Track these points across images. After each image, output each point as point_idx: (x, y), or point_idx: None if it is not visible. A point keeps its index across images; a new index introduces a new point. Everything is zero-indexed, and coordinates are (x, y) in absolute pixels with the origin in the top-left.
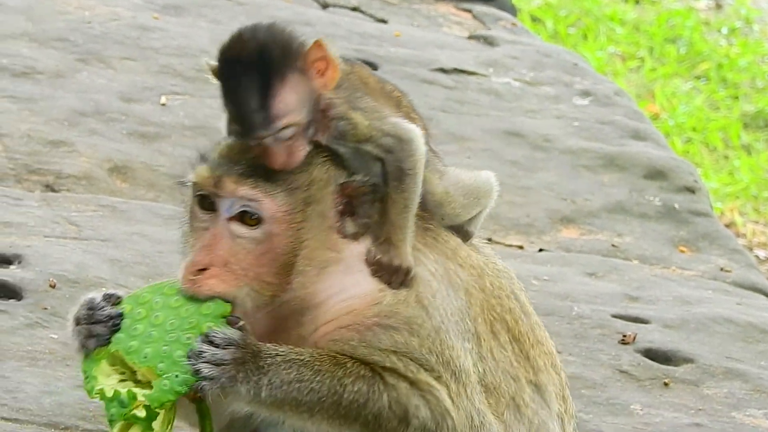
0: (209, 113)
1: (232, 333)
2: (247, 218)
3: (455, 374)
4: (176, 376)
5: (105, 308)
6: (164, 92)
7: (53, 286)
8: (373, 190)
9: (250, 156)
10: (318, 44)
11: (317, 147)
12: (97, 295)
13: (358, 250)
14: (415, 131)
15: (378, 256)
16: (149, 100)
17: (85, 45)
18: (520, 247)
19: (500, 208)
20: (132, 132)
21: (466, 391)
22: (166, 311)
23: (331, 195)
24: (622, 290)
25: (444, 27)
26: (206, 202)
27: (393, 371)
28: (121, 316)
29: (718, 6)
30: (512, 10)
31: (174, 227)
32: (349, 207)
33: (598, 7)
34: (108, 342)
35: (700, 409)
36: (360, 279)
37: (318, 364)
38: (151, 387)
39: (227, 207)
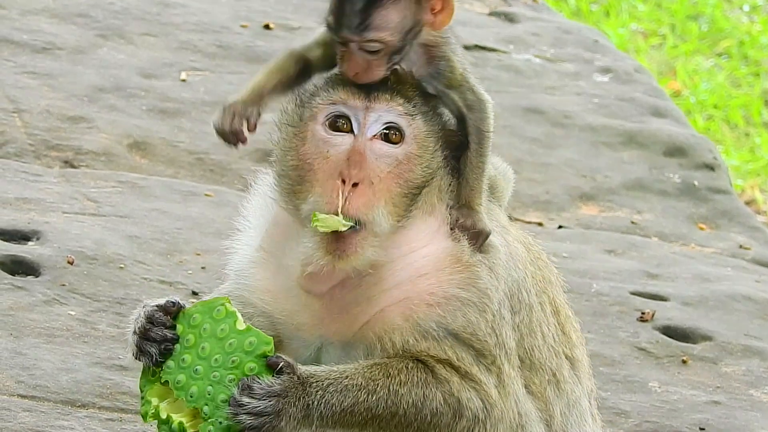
0: (229, 89)
1: (272, 383)
2: (391, 135)
3: (507, 354)
4: (220, 422)
5: (161, 327)
6: (184, 68)
7: (71, 263)
8: (460, 145)
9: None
10: None
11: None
12: (157, 307)
13: (442, 209)
14: (489, 97)
15: (461, 220)
16: (169, 76)
17: (105, 21)
18: (540, 224)
19: (520, 185)
20: (152, 108)
21: (512, 372)
22: (213, 342)
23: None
24: (641, 267)
25: (465, 3)
26: (340, 122)
27: (446, 363)
28: (173, 340)
29: None
30: None
31: (193, 203)
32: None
33: None
34: (160, 362)
35: (718, 387)
36: (441, 241)
37: (371, 383)
38: (199, 419)
39: (372, 122)
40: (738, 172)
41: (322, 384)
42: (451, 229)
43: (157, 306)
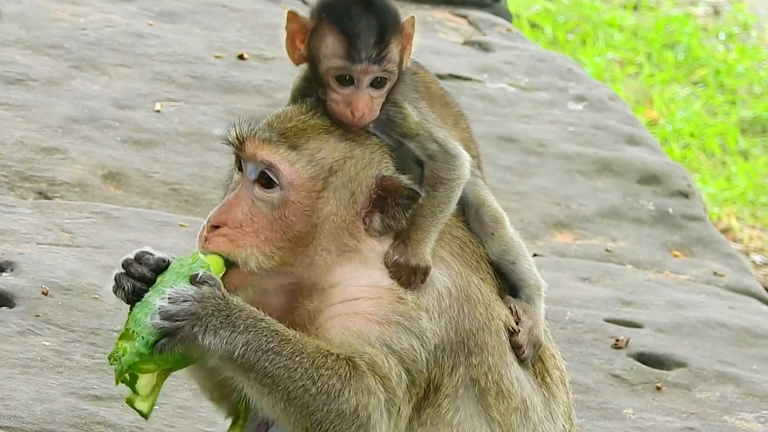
0: (203, 120)
1: (189, 288)
2: (266, 182)
3: (438, 388)
4: (142, 337)
5: (143, 266)
6: (158, 99)
7: (46, 294)
8: (412, 196)
9: (288, 125)
10: (413, 20)
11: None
12: (147, 251)
13: (379, 248)
14: (463, 152)
15: (395, 257)
16: (143, 106)
17: (79, 52)
18: None
19: None
20: (126, 139)
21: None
22: (167, 275)
23: (370, 181)
24: (616, 295)
25: (439, 33)
26: (239, 162)
27: (376, 375)
28: (150, 281)
29: (716, 12)
30: (508, 16)
31: (168, 234)
32: (381, 202)
33: (596, 13)
34: (133, 300)
35: (692, 413)
36: (376, 275)
37: (301, 345)
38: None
39: (251, 169)
40: (714, 200)
41: (248, 313)
42: (388, 267)
43: (148, 250)
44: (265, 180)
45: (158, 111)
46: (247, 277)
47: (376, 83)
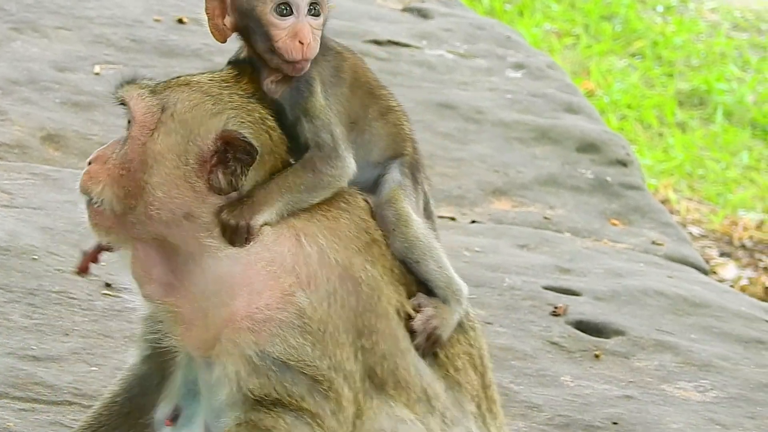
0: None
1: None
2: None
3: (346, 377)
4: None
5: None
6: (98, 62)
7: None
8: (250, 151)
9: (169, 79)
10: None
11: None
12: None
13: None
14: (351, 162)
15: (223, 213)
16: (83, 69)
17: (19, 14)
18: (453, 219)
19: (433, 180)
20: (65, 101)
21: (352, 395)
22: None
23: (210, 133)
24: (554, 262)
25: None
26: None
27: (277, 403)
28: None
29: None
30: None
31: None
32: (223, 157)
33: None
34: None
35: (630, 382)
36: (226, 260)
37: None
38: None
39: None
40: (651, 172)
41: None
42: (216, 224)
43: None
44: (129, 120)
45: (97, 74)
46: (105, 217)
47: (314, 10)
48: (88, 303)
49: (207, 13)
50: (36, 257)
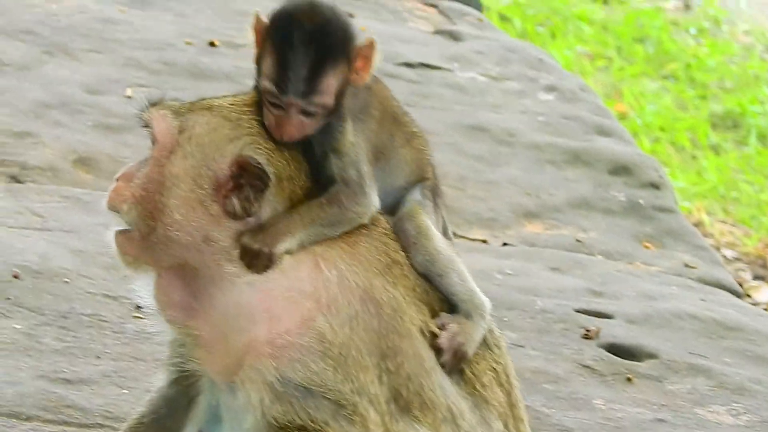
0: None
1: None
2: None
3: (371, 400)
4: None
5: None
6: (129, 84)
7: (16, 277)
8: (262, 177)
9: (193, 101)
10: (372, 43)
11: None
12: None
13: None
14: (375, 199)
15: (244, 238)
16: (114, 92)
17: (51, 37)
18: (484, 242)
19: (464, 202)
20: (97, 124)
21: (379, 418)
22: None
23: (226, 157)
24: (586, 285)
25: (409, 22)
26: None
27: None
28: None
29: (687, 6)
30: (478, 6)
31: None
32: (237, 182)
33: (566, 6)
34: None
35: (663, 405)
36: (246, 290)
37: None
38: None
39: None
40: (685, 195)
41: None
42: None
43: None
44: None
45: (129, 96)
46: (134, 243)
47: (308, 113)
48: (119, 326)
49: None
50: (68, 280)
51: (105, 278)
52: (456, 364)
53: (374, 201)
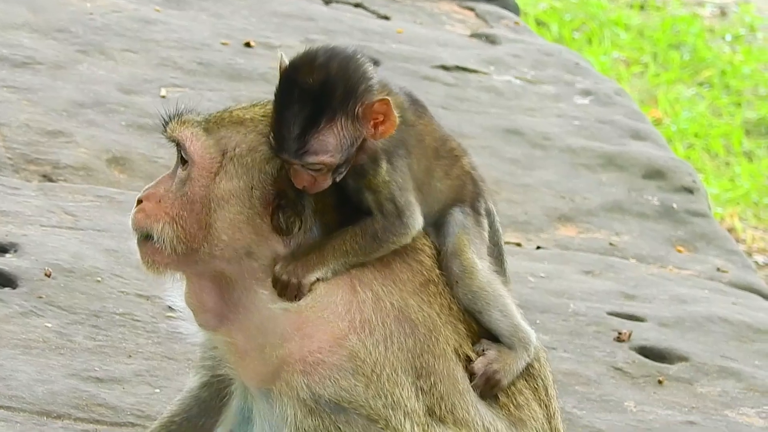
0: (209, 106)
1: None
2: (182, 159)
3: (407, 413)
4: None
5: None
6: (164, 84)
7: (48, 275)
8: (299, 201)
9: (217, 114)
10: (384, 102)
11: None
12: None
13: (282, 251)
14: (417, 219)
15: (278, 268)
16: (149, 92)
17: (85, 36)
18: (518, 245)
19: (499, 206)
20: (131, 123)
21: (418, 429)
22: None
23: (268, 175)
24: (619, 288)
25: (446, 25)
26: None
27: None
28: None
29: (723, 13)
30: (515, 9)
31: None
32: (281, 201)
33: (603, 11)
34: None
35: (693, 407)
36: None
37: None
38: None
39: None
40: (718, 201)
41: None
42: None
43: None
44: (182, 158)
45: (164, 96)
46: (165, 255)
47: (314, 169)
48: (152, 325)
49: None
50: (100, 279)
51: (138, 278)
52: (488, 391)
53: (416, 225)
